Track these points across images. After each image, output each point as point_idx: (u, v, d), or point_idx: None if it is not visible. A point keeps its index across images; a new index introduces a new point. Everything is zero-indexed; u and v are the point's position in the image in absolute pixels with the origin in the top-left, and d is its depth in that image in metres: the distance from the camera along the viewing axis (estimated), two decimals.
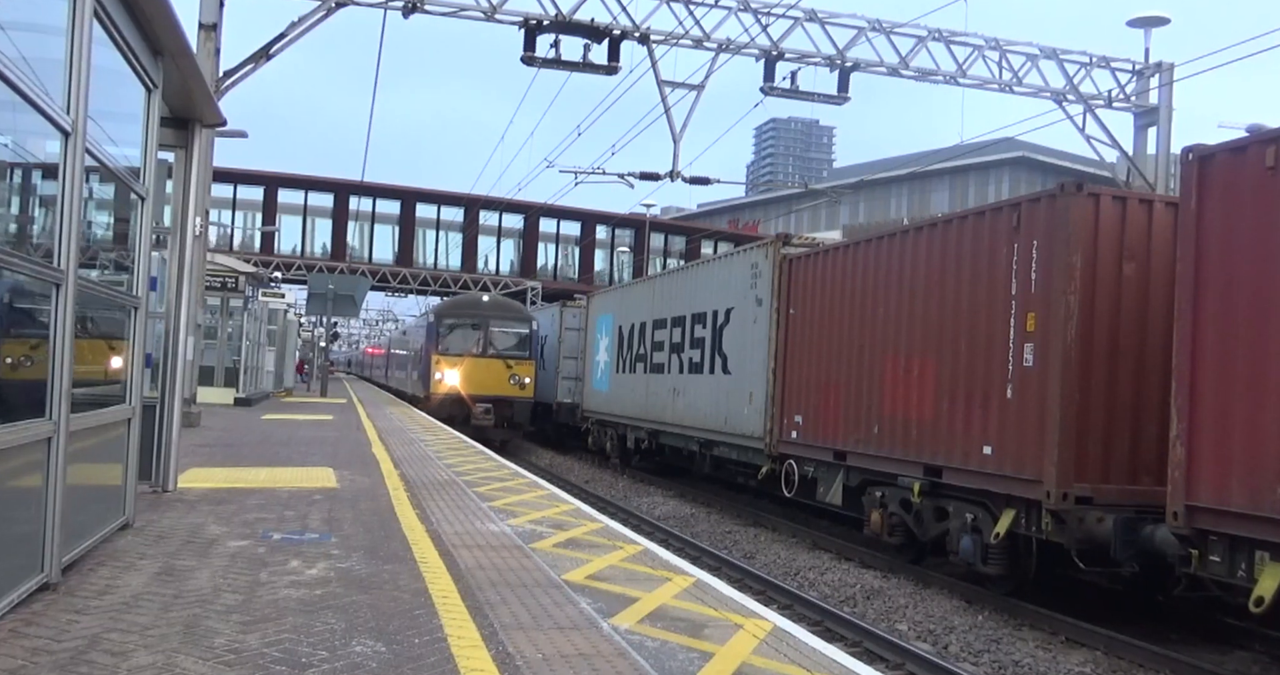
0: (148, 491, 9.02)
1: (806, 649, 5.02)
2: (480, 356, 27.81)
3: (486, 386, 27.26)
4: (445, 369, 27.46)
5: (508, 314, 28.96)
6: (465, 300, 31.41)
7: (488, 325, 28.16)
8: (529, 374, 27.92)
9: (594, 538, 7.95)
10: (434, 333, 28.58)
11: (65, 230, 5.27)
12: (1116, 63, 24.86)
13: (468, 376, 27.40)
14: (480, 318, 28.34)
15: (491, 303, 29.46)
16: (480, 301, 29.59)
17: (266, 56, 19.47)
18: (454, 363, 27.66)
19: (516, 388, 27.53)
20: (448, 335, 28.34)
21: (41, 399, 5.25)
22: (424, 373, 29.15)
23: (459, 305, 30.11)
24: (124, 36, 6.38)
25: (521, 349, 28.29)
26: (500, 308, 29.21)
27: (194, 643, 4.63)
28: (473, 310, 28.90)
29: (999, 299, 10.69)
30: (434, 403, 27.53)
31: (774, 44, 22.21)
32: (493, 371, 27.45)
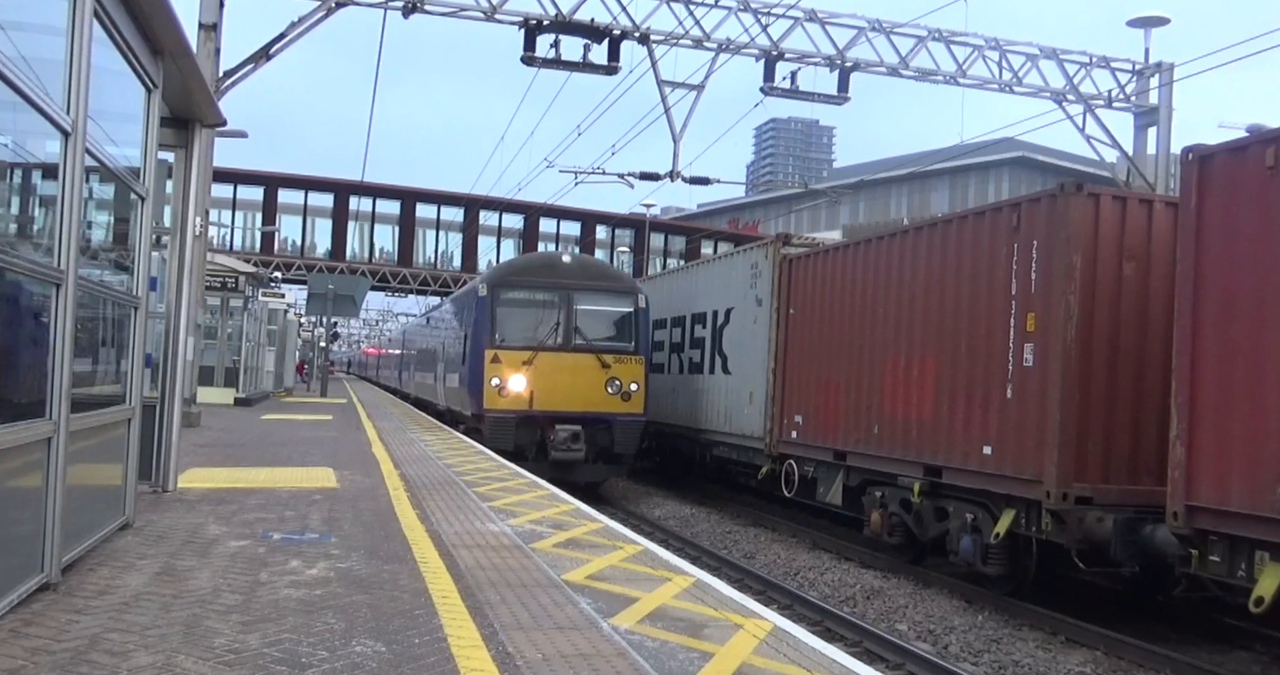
0: (148, 491, 9.02)
1: (806, 649, 5.02)
2: (561, 350, 17.86)
3: (572, 398, 17.63)
4: (506, 372, 17.54)
5: (602, 282, 18.73)
6: (535, 261, 20.43)
7: (572, 300, 18.07)
8: (637, 377, 17.96)
9: (594, 538, 7.95)
10: (485, 313, 18.09)
11: (65, 230, 5.27)
12: (1116, 63, 24.86)
13: (543, 384, 17.58)
14: (560, 288, 18.14)
15: (576, 264, 19.10)
16: (558, 262, 19.00)
17: (266, 56, 19.47)
18: (519, 362, 17.64)
19: (618, 399, 17.76)
20: (508, 317, 18.21)
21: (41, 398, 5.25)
22: (471, 378, 18.62)
23: (526, 269, 19.29)
24: (124, 36, 6.38)
25: (624, 337, 18.34)
26: (590, 272, 19.05)
27: (194, 643, 4.63)
28: (548, 276, 18.39)
29: (999, 299, 10.69)
30: (490, 426, 17.59)
31: (774, 44, 22.21)
32: (581, 374, 17.72)
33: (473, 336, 18.70)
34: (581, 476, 17.55)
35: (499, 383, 17.55)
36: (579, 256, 21.21)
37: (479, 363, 17.91)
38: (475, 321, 18.56)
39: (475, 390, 18.10)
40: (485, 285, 18.59)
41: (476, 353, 18.15)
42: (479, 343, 18.08)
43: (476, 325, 18.44)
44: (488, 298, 18.24)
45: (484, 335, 17.97)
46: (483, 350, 17.81)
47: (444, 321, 25.79)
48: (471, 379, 18.45)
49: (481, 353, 17.83)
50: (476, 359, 18.11)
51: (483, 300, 18.31)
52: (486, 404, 17.59)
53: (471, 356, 18.62)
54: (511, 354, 17.66)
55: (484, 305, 18.22)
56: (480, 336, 18.09)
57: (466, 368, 19.22)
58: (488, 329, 17.99)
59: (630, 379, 17.89)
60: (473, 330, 18.74)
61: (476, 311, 18.52)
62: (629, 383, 17.88)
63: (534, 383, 17.55)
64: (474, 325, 18.64)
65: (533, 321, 18.13)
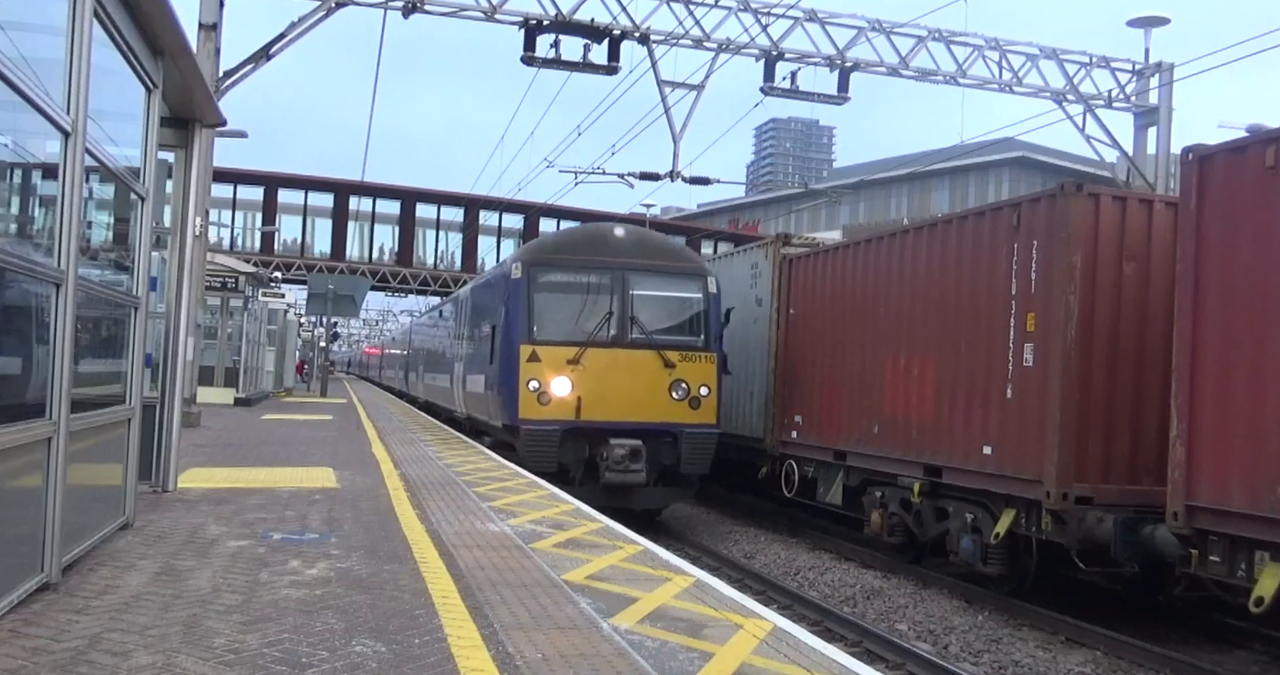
0: (148, 491, 9.02)
1: (806, 649, 5.02)
2: (615, 346, 14.60)
3: (629, 406, 14.39)
4: (547, 374, 14.34)
5: (664, 261, 15.32)
6: (581, 235, 16.59)
7: (627, 283, 14.78)
8: (709, 380, 14.69)
9: (594, 538, 7.95)
10: (520, 300, 14.81)
11: (65, 230, 5.27)
12: (1116, 63, 24.86)
13: (593, 388, 14.39)
14: (613, 268, 14.86)
15: (632, 239, 15.59)
16: (609, 236, 15.49)
17: (266, 56, 19.47)
18: (563, 361, 14.38)
19: (685, 406, 14.55)
20: (549, 304, 14.91)
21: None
22: (502, 381, 15.24)
23: (570, 244, 15.73)
24: (124, 36, 6.38)
25: (691, 330, 15.12)
26: (649, 248, 15.54)
27: (194, 643, 4.63)
28: (597, 253, 15.08)
29: (999, 299, 10.69)
30: (528, 442, 14.33)
31: (774, 44, 22.21)
32: (640, 376, 14.52)
33: (504, 330, 15.18)
34: (641, 502, 14.43)
35: (538, 386, 14.21)
36: (634, 229, 16.34)
37: (512, 362, 14.51)
38: (507, 311, 15.05)
39: (508, 396, 14.71)
40: (520, 265, 14.93)
41: (509, 350, 14.74)
42: (512, 337, 14.68)
43: (509, 315, 14.96)
44: (523, 281, 14.69)
45: (519, 327, 14.57)
46: (517, 346, 14.44)
47: (463, 313, 21.32)
48: (503, 382, 15.02)
49: (516, 350, 14.46)
50: (509, 357, 14.69)
51: (517, 284, 14.71)
52: (523, 413, 14.23)
53: (503, 354, 15.12)
54: (553, 351, 14.35)
55: (518, 290, 14.69)
56: (514, 329, 14.69)
57: (496, 368, 15.63)
58: (523, 320, 14.57)
59: (700, 381, 14.56)
60: (504, 322, 15.19)
61: (509, 298, 15.00)
62: (698, 386, 14.54)
63: (582, 386, 14.29)
64: (506, 315, 15.15)
65: (580, 310, 14.70)
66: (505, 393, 14.89)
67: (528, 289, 14.68)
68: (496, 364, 15.58)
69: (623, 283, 14.69)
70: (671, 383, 14.48)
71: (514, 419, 14.47)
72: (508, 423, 14.92)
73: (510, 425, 14.79)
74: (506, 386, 14.81)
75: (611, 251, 14.96)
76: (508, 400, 14.73)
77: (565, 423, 14.21)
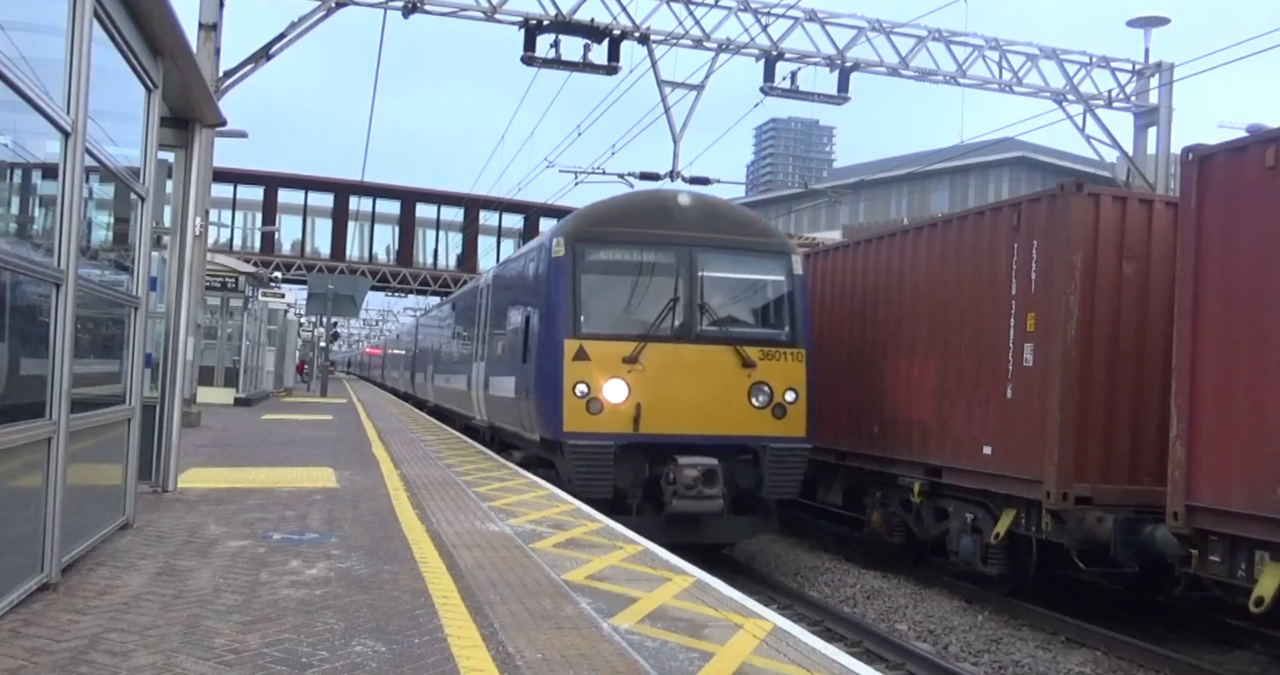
0: (148, 491, 9.02)
1: (806, 649, 5.02)
2: (682, 341, 12.00)
3: (700, 415, 11.84)
4: (598, 375, 11.74)
5: (740, 235, 12.64)
6: (637, 204, 13.17)
7: (696, 263, 12.22)
8: (796, 382, 12.11)
9: (594, 538, 7.95)
10: (564, 283, 12.17)
11: (65, 230, 5.27)
12: (1116, 63, 24.85)
13: (655, 392, 11.79)
14: (679, 244, 12.25)
15: (699, 208, 12.78)
16: (671, 205, 12.71)
17: (266, 56, 19.47)
18: (617, 359, 11.79)
19: (768, 415, 11.96)
20: (600, 289, 12.36)
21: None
22: (540, 385, 12.48)
23: (626, 215, 12.73)
24: (124, 36, 6.38)
25: (774, 320, 12.57)
26: (721, 220, 12.75)
27: (194, 643, 4.63)
28: (658, 225, 12.40)
29: (999, 299, 10.69)
30: (576, 460, 11.60)
31: (774, 44, 22.21)
32: (713, 378, 11.94)
33: (543, 321, 12.39)
34: (714, 535, 11.90)
35: (587, 392, 11.53)
36: (702, 196, 13.49)
37: (554, 361, 11.76)
38: (547, 298, 12.30)
39: (547, 403, 11.96)
40: (563, 241, 12.16)
41: (549, 346, 11.98)
42: (554, 330, 11.93)
43: (549, 303, 12.18)
44: (567, 260, 12.00)
45: (562, 318, 11.85)
46: (560, 341, 11.72)
47: (485, 303, 18.03)
48: (541, 386, 12.25)
49: (558, 346, 11.72)
50: (549, 356, 11.93)
51: (559, 264, 12.06)
52: (568, 425, 11.50)
53: (541, 352, 12.37)
54: (606, 347, 11.65)
55: (561, 272, 12.00)
56: (556, 320, 11.93)
57: (531, 369, 12.78)
58: (568, 308, 11.86)
59: (786, 384, 11.91)
60: (543, 311, 12.46)
61: (549, 282, 12.24)
62: (784, 390, 11.88)
63: (641, 391, 11.59)
64: (545, 303, 12.38)
65: (638, 296, 12.11)
66: (544, 399, 12.07)
67: (573, 270, 11.94)
68: (532, 363, 12.78)
69: (690, 262, 12.02)
70: (751, 386, 11.82)
71: (556, 432, 11.67)
72: (548, 436, 12.07)
73: (551, 440, 11.99)
74: (546, 391, 12.00)
75: (675, 222, 12.20)
76: (547, 408, 11.93)
77: (621, 437, 11.50)
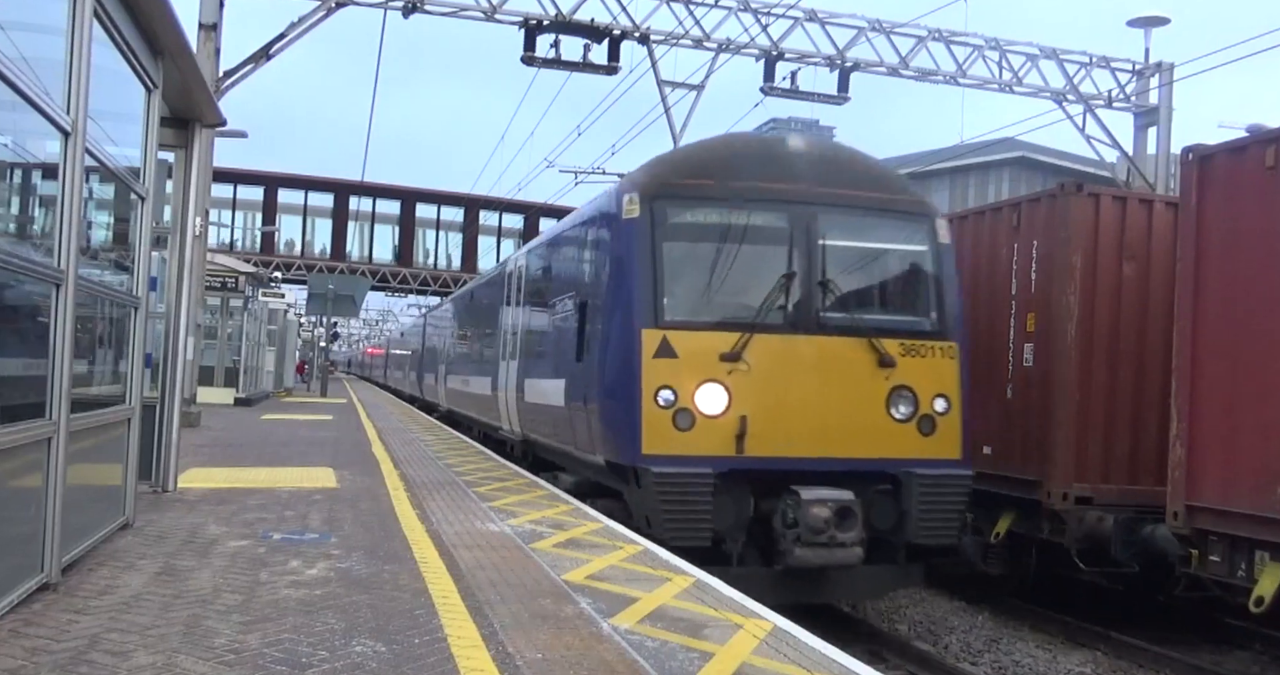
0: (148, 491, 9.02)
1: (806, 649, 5.02)
2: (796, 331, 9.01)
3: (824, 432, 8.88)
4: (687, 379, 8.73)
5: (869, 191, 9.55)
6: (730, 150, 9.83)
7: (815, 228, 9.17)
8: (947, 386, 9.17)
9: (594, 538, 7.95)
10: (638, 256, 9.04)
11: (65, 230, 5.27)
12: (1116, 63, 24.85)
13: (765, 401, 8.82)
14: (792, 201, 9.19)
15: (817, 155, 9.79)
16: (782, 150, 9.64)
17: (266, 56, 19.47)
18: (712, 356, 8.77)
19: (913, 431, 9.05)
20: (688, 263, 9.28)
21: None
22: (605, 390, 9.40)
23: (721, 164, 9.47)
24: (124, 36, 6.38)
25: (917, 305, 9.58)
26: (844, 171, 9.68)
27: (194, 643, 4.63)
28: (767, 178, 9.28)
29: (999, 299, 10.69)
30: (661, 493, 8.47)
31: (774, 44, 22.20)
32: (839, 380, 8.98)
33: (609, 306, 9.37)
34: (848, 592, 9.30)
35: (673, 399, 8.62)
36: (818, 140, 10.83)
37: (627, 359, 8.87)
38: (617, 274, 9.27)
39: (618, 414, 9.03)
40: (637, 198, 9.13)
41: (620, 338, 9.06)
42: (627, 318, 8.98)
43: (619, 281, 9.19)
44: (643, 223, 9.00)
45: (638, 301, 8.89)
46: (636, 332, 8.80)
47: (518, 286, 14.54)
48: (607, 392, 9.29)
49: (634, 338, 8.81)
50: (621, 351, 9.01)
51: (630, 230, 9.08)
52: (649, 445, 8.63)
53: (607, 346, 9.34)
54: (698, 340, 8.78)
55: (635, 239, 9.03)
56: (629, 304, 8.98)
57: (592, 369, 9.66)
58: (646, 288, 8.88)
59: (934, 388, 9.03)
60: (609, 293, 9.41)
61: (619, 253, 9.26)
62: (932, 396, 9.01)
63: (747, 399, 8.70)
64: (612, 282, 9.34)
65: (739, 271, 9.15)
66: (612, 409, 9.13)
67: (652, 236, 8.91)
68: (592, 362, 9.68)
69: (808, 225, 9.03)
70: (891, 392, 8.90)
71: (630, 454, 8.73)
72: (617, 460, 9.10)
73: (622, 464, 8.99)
74: (615, 399, 9.08)
75: (787, 173, 9.20)
76: (616, 422, 9.01)
77: (721, 461, 8.52)
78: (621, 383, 9.00)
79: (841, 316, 9.11)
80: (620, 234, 9.28)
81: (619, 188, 9.91)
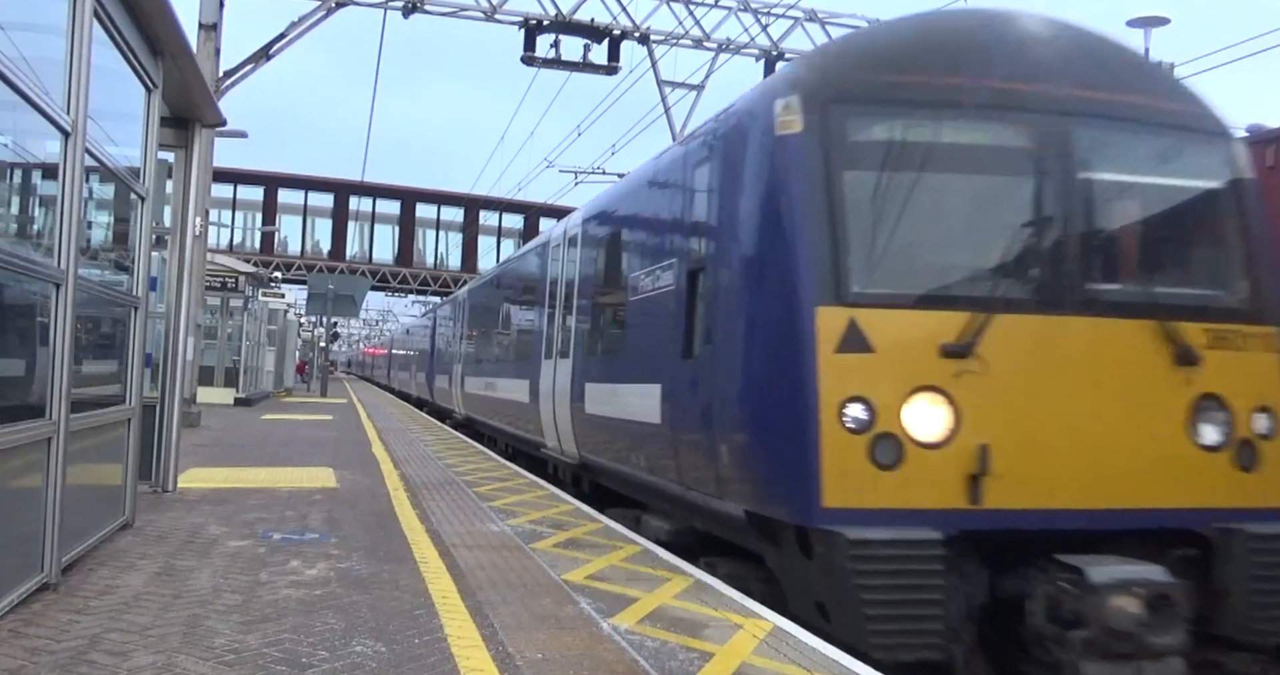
0: (148, 491, 9.02)
1: (806, 649, 5.02)
2: (1052, 309, 5.77)
3: (1102, 470, 5.67)
4: (890, 385, 5.55)
5: (1137, 96, 6.27)
6: (938, 32, 6.44)
7: (1071, 149, 6.01)
8: (1273, 391, 6.04)
9: (594, 538, 7.95)
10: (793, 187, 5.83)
11: (65, 230, 5.27)
12: None
13: (1012, 418, 5.62)
14: (1033, 108, 6.00)
15: (1060, 40, 6.33)
16: (1012, 32, 6.27)
17: (266, 56, 19.48)
18: (929, 349, 5.59)
19: (1225, 463, 5.88)
20: (881, 200, 5.84)
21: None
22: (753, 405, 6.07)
23: (925, 49, 6.22)
24: (124, 36, 6.39)
25: (1216, 273, 6.46)
26: (1098, 62, 6.32)
27: (194, 643, 4.63)
28: (993, 75, 6.02)
29: None
30: (866, 573, 5.23)
31: (774, 44, 22.21)
32: (1117, 384, 5.76)
33: (750, 273, 6.37)
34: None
35: (870, 419, 5.63)
36: (1060, 23, 6.66)
37: (789, 353, 5.85)
38: (760, 224, 6.32)
39: (772, 442, 6.01)
40: (799, 104, 6.07)
41: (774, 320, 6.08)
42: (786, 289, 5.95)
43: (765, 235, 6.25)
44: (810, 142, 6.01)
45: (803, 264, 5.87)
46: (804, 312, 5.77)
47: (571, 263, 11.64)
48: (750, 406, 6.29)
49: (799, 320, 5.79)
50: (774, 342, 6.06)
51: (789, 152, 6.10)
52: (831, 494, 5.57)
53: (750, 334, 6.38)
54: (905, 323, 5.80)
55: (795, 167, 6.05)
56: (786, 269, 5.97)
57: (719, 368, 6.67)
58: (818, 243, 5.85)
59: (1255, 398, 6.14)
60: (748, 254, 6.43)
61: (760, 191, 6.38)
62: (1252, 410, 6.12)
63: (984, 416, 5.73)
64: (753, 238, 6.40)
65: (963, 218, 6.30)
66: (759, 432, 6.17)
67: (827, 163, 5.98)
68: (718, 357, 6.69)
69: (1061, 148, 6.16)
70: (1194, 404, 6.02)
71: (800, 507, 5.74)
72: (772, 513, 6.08)
73: (782, 520, 5.98)
74: (765, 417, 6.13)
75: (1025, 69, 6.24)
76: (770, 452, 6.05)
77: (950, 518, 5.62)
78: (779, 392, 5.87)
79: (1119, 288, 6.16)
80: (769, 160, 6.18)
81: (763, 90, 6.64)
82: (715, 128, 7.32)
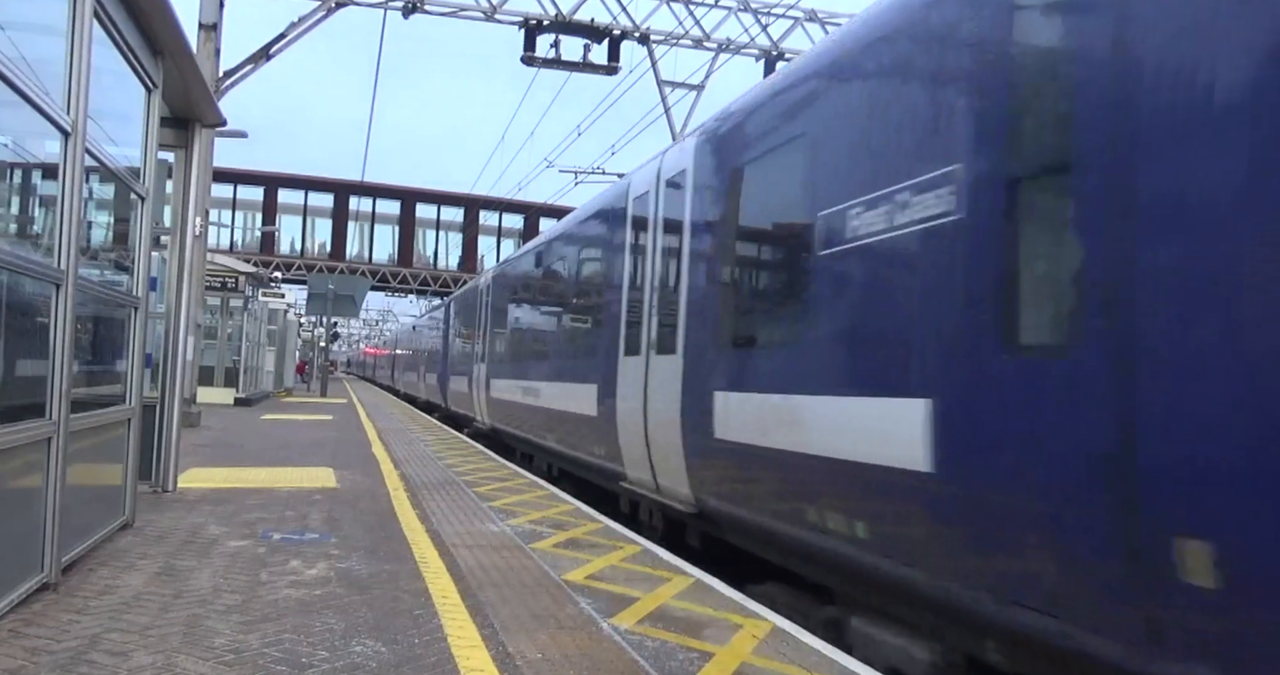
0: (148, 491, 9.02)
1: (806, 649, 5.02)
2: None
3: None
4: None
5: None
6: None
7: None
8: None
9: (594, 538, 7.95)
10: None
11: (65, 230, 5.27)
12: None
13: None
14: None
15: None
16: None
17: (266, 56, 19.49)
18: None
19: None
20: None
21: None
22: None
23: None
24: (124, 36, 6.38)
25: None
26: None
27: (194, 643, 4.63)
28: None
29: None
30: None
31: (774, 44, 22.21)
32: None
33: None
34: None
35: None
36: None
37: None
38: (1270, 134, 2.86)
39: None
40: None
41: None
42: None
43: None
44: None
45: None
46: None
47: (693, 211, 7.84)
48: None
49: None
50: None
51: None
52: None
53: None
54: None
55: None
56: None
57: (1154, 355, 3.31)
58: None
59: None
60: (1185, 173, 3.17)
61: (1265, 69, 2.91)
62: None
63: None
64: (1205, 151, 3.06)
65: None
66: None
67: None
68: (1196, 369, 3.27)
69: None
70: None
71: None
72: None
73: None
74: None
75: None
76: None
77: None
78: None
79: None
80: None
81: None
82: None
